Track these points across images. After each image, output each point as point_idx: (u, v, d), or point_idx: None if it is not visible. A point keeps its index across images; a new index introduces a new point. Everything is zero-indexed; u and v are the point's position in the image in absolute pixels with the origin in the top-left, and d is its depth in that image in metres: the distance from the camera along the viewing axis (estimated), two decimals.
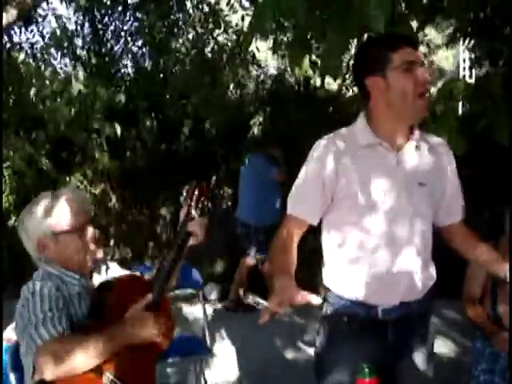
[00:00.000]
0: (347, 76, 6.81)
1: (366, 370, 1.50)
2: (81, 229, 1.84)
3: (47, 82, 5.85)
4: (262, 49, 7.26)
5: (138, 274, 2.07)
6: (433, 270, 1.92)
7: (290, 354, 4.27)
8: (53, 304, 1.70)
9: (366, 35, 2.30)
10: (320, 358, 1.93)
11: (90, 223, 1.88)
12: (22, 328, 1.68)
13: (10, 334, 2.34)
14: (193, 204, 1.90)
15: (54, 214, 1.82)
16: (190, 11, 7.51)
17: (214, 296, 5.76)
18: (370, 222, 1.77)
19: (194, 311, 4.70)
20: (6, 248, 5.40)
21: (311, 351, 4.16)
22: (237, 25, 7.33)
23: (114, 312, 1.79)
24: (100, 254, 1.91)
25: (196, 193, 1.90)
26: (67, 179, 6.24)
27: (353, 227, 1.80)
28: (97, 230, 1.89)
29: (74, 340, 1.64)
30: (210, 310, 5.05)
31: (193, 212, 1.89)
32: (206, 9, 7.42)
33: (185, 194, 1.93)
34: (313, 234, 1.94)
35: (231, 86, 7.42)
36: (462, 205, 1.99)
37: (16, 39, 7.06)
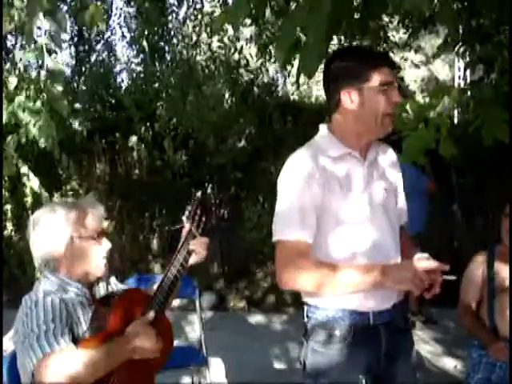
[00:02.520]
0: None
1: (363, 382, 1.50)
2: (97, 237, 1.86)
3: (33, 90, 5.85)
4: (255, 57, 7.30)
5: (138, 288, 2.07)
6: None
7: (286, 363, 4.27)
8: (56, 315, 1.70)
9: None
10: (316, 380, 1.86)
11: (104, 234, 1.89)
12: (23, 338, 1.67)
13: (6, 344, 2.33)
14: (195, 222, 1.92)
15: (74, 219, 1.82)
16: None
17: (209, 305, 5.76)
18: (353, 231, 1.80)
19: (189, 320, 4.69)
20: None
21: None
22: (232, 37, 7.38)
23: (114, 326, 1.79)
24: (106, 266, 1.91)
25: (198, 211, 1.92)
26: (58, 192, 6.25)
27: (337, 238, 1.80)
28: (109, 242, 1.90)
29: (75, 354, 1.63)
30: (205, 319, 5.05)
31: (194, 230, 1.91)
32: (200, 17, 7.48)
33: (187, 212, 1.94)
34: None
35: (222, 95, 7.43)
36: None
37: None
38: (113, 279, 2.06)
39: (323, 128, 1.90)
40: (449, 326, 4.50)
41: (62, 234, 1.81)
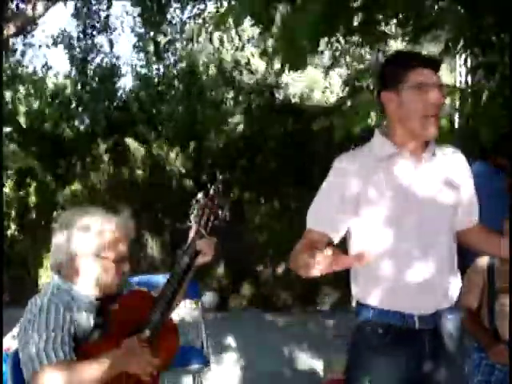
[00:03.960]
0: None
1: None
2: (120, 260, 1.84)
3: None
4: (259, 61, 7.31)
5: (143, 289, 2.04)
6: (459, 276, 1.95)
7: (289, 364, 4.28)
8: (59, 323, 1.69)
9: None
10: (354, 374, 1.90)
11: (127, 256, 1.88)
12: (24, 343, 1.69)
13: (9, 342, 2.34)
14: (202, 222, 1.90)
15: (105, 238, 1.80)
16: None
17: (211, 305, 5.76)
18: (400, 230, 1.79)
19: (191, 321, 4.70)
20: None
21: (311, 361, 4.18)
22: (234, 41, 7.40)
23: (117, 327, 1.80)
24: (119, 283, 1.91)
25: (206, 211, 1.91)
26: (66, 190, 6.28)
27: (383, 236, 1.81)
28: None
29: (69, 368, 1.63)
30: (207, 319, 5.06)
31: (202, 230, 1.90)
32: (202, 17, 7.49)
33: (195, 211, 1.93)
34: None
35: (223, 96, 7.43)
36: (478, 208, 2.02)
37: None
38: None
39: (376, 130, 1.91)
40: None
41: (89, 250, 1.79)
